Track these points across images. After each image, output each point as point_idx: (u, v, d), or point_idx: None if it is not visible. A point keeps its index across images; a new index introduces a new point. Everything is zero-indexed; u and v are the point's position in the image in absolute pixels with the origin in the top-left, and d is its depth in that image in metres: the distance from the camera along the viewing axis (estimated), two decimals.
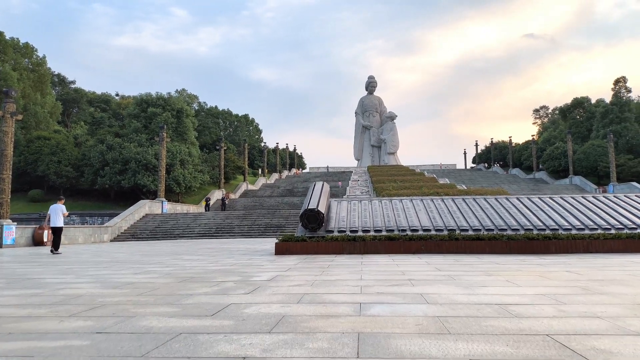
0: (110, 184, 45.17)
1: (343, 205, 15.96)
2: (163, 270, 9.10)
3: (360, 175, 77.87)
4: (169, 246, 20.49)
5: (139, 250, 17.07)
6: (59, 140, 50.43)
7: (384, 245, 13.00)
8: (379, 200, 16.50)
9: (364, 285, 6.06)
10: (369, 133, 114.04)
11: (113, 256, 13.87)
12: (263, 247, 18.41)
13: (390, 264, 9.68)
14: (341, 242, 13.10)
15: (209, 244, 21.93)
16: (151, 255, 13.76)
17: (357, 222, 14.32)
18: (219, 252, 14.95)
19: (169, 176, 44.85)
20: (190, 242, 25.69)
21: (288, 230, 31.47)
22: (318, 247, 13.17)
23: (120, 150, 45.73)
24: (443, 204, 15.74)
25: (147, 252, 15.55)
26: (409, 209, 15.26)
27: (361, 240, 13.09)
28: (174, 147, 46.86)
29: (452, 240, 12.89)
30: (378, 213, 15.03)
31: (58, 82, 75.85)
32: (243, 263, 10.45)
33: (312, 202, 14.14)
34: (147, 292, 5.96)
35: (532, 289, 5.56)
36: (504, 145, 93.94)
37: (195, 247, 18.69)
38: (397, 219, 14.42)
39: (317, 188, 15.74)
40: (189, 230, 32.24)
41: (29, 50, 58.36)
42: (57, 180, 48.00)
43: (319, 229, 13.85)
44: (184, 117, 53.50)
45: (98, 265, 10.60)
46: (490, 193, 33.75)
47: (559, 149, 68.95)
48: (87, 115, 66.97)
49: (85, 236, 28.89)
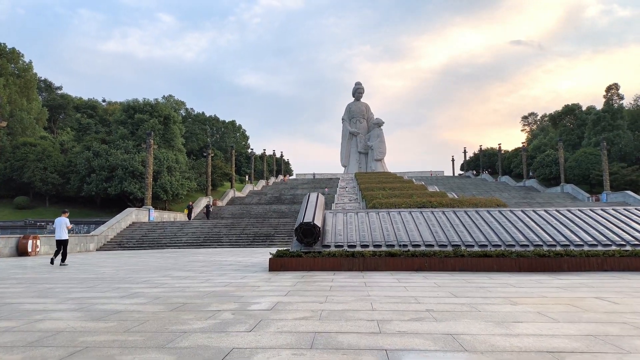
0: (97, 191, 44.06)
1: (339, 218, 15.32)
2: (152, 292, 8.38)
3: (348, 182, 77.25)
4: (157, 258, 19.66)
5: (126, 264, 16.25)
6: (45, 146, 49.21)
7: (385, 261, 12.38)
8: (377, 212, 15.90)
9: (380, 320, 5.42)
10: (356, 140, 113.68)
11: (98, 272, 13.07)
12: (254, 259, 17.70)
13: (396, 285, 9.05)
14: (339, 258, 12.45)
15: (197, 255, 21.13)
16: (138, 271, 12.99)
17: (355, 236, 13.69)
18: (209, 267, 14.22)
19: (156, 183, 43.89)
20: (178, 252, 24.84)
21: (277, 239, 30.73)
22: (315, 263, 12.51)
23: (107, 157, 44.68)
24: (445, 217, 15.19)
25: (134, 266, 14.75)
26: (409, 223, 14.67)
27: (360, 257, 12.46)
28: (161, 153, 45.92)
29: (457, 257, 12.30)
30: (376, 226, 14.42)
31: (44, 88, 74.43)
32: (237, 283, 9.75)
33: (307, 215, 13.49)
34: (136, 327, 5.26)
35: (573, 325, 4.96)
36: (493, 152, 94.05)
37: (184, 260, 17.90)
38: (397, 233, 13.82)
39: (311, 200, 15.10)
40: (176, 240, 31.35)
41: (15, 55, 57.10)
42: (42, 187, 46.77)
43: (315, 243, 13.19)
44: (171, 124, 52.58)
45: (82, 284, 9.82)
46: (483, 202, 33.36)
47: (549, 157, 69.02)
48: (73, 121, 65.68)
49: (71, 245, 27.87)
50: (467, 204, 32.73)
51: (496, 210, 16.01)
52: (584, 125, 75.90)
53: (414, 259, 12.38)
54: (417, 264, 12.34)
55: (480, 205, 32.49)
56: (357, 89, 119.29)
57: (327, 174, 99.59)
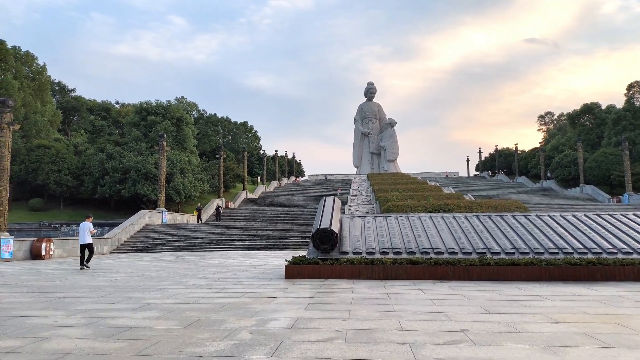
0: (110, 193, 44.12)
1: (356, 223, 14.85)
2: (165, 303, 7.99)
3: (361, 184, 76.56)
4: (170, 262, 19.36)
5: (139, 269, 15.95)
6: (59, 148, 49.46)
7: (406, 270, 11.89)
8: (395, 217, 15.39)
9: (413, 343, 4.95)
10: (368, 140, 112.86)
11: (111, 278, 12.76)
12: (269, 264, 17.31)
13: (422, 298, 8.56)
14: (358, 266, 11.99)
15: (210, 259, 20.80)
16: (151, 278, 12.65)
17: (374, 243, 13.20)
18: (223, 273, 13.85)
19: (169, 185, 43.81)
20: (191, 255, 24.56)
21: (290, 242, 30.34)
22: (332, 271, 12.06)
23: (120, 159, 44.72)
24: (468, 222, 14.63)
25: (147, 272, 14.44)
26: (430, 228, 14.15)
27: (380, 264, 11.98)
28: (173, 155, 45.85)
29: (483, 265, 11.76)
30: (396, 232, 13.92)
31: (58, 90, 75.02)
32: (253, 293, 9.34)
33: (324, 221, 13.04)
34: (148, 349, 4.86)
35: (632, 353, 4.45)
36: (509, 152, 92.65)
37: (197, 265, 17.57)
38: (417, 240, 13.31)
39: (328, 204, 14.65)
40: (190, 242, 31.12)
41: (30, 58, 57.59)
42: (57, 189, 46.99)
43: (332, 250, 12.73)
44: (183, 126, 52.53)
45: (94, 293, 9.49)
46: (503, 205, 32.60)
47: (568, 157, 67.65)
48: (87, 123, 66.05)
49: None
50: (485, 207, 32.04)
51: (521, 215, 15.42)
52: (603, 124, 74.26)
53: (437, 268, 11.87)
54: (440, 272, 11.83)
55: (499, 208, 31.78)
56: (370, 89, 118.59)
57: (339, 175, 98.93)
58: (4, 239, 21.64)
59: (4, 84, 50.44)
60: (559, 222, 14.16)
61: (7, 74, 53.03)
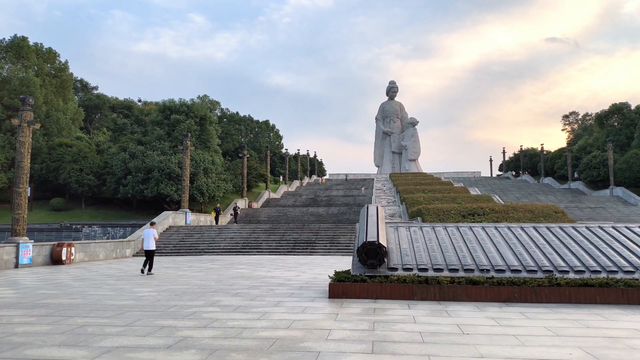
0: (133, 193, 43.48)
1: (402, 234, 13.55)
2: (203, 337, 6.80)
3: (384, 184, 75.04)
4: (197, 271, 18.32)
5: (166, 280, 14.91)
6: (81, 147, 49.06)
7: (466, 290, 10.58)
8: (444, 227, 14.05)
9: None
10: (390, 139, 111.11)
11: (136, 294, 11.70)
12: (304, 275, 16.12)
13: (501, 333, 7.25)
14: (411, 285, 10.71)
15: (239, 267, 19.72)
16: (181, 295, 11.55)
17: (425, 257, 11.90)
18: (258, 288, 12.70)
19: (192, 185, 42.99)
20: (217, 261, 23.54)
21: (318, 246, 29.14)
22: (382, 290, 10.81)
23: (143, 158, 44.04)
24: (525, 234, 13.23)
25: (175, 284, 13.37)
26: (485, 241, 12.78)
27: (436, 284, 10.69)
28: (197, 155, 45.03)
29: (552, 286, 10.41)
30: (448, 245, 12.59)
31: (80, 88, 75.03)
32: (300, 321, 8.14)
33: (370, 233, 11.78)
34: None
35: None
36: (534, 152, 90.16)
37: (227, 275, 16.48)
38: (474, 255, 11.96)
39: (371, 213, 13.38)
40: (214, 245, 30.18)
41: (52, 55, 57.32)
42: (78, 188, 46.57)
43: (379, 265, 11.47)
44: (207, 124, 51.70)
45: (119, 319, 8.36)
46: (540, 209, 30.91)
47: (597, 158, 65.30)
48: (109, 121, 65.83)
49: (107, 252, 27.01)
50: (522, 211, 30.40)
51: (582, 226, 13.97)
52: (632, 125, 71.65)
53: (500, 288, 10.53)
54: (504, 294, 10.49)
55: (536, 211, 30.13)
56: (391, 87, 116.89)
57: (359, 175, 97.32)
58: (22, 244, 20.87)
59: (26, 81, 50.20)
60: (626, 235, 12.72)
61: (29, 71, 52.82)
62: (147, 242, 17.27)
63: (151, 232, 17.48)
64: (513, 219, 28.36)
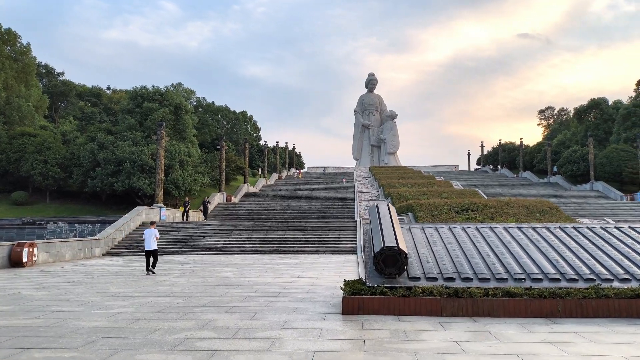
0: (102, 186, 40.79)
1: (418, 236, 11.97)
2: None
3: (364, 177, 73.70)
4: (179, 276, 16.43)
5: (144, 290, 13.00)
6: (45, 137, 45.91)
7: (503, 304, 9.07)
8: (462, 227, 12.54)
9: None
10: (369, 132, 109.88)
11: (110, 311, 9.80)
12: (301, 282, 14.42)
13: None
14: (439, 299, 9.14)
15: (224, 270, 17.89)
16: (165, 312, 9.71)
17: (449, 265, 10.35)
18: (254, 301, 10.96)
19: (167, 178, 40.62)
20: (199, 262, 21.61)
21: (306, 244, 27.43)
22: (405, 305, 9.22)
23: (113, 149, 41.37)
24: (552, 235, 11.84)
25: (155, 296, 11.49)
26: (510, 244, 11.32)
27: (468, 297, 9.16)
28: (172, 146, 42.60)
29: (599, 297, 9.01)
30: (471, 249, 11.07)
31: (45, 74, 70.82)
32: (321, 353, 6.45)
33: (387, 237, 10.16)
34: None
35: None
36: (513, 146, 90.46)
37: (214, 282, 14.66)
38: (502, 259, 10.48)
39: (383, 212, 11.74)
40: (193, 244, 28.15)
41: (12, 37, 53.17)
42: (42, 181, 43.52)
43: (399, 275, 9.87)
44: (182, 114, 49.17)
45: (81, 353, 6.50)
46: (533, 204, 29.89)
47: (577, 153, 65.48)
48: (76, 109, 62.34)
49: (74, 252, 24.70)
50: (515, 206, 29.30)
51: (612, 226, 12.67)
52: (610, 120, 72.35)
53: (542, 301, 9.06)
54: (546, 308, 9.03)
55: (531, 207, 29.08)
56: (370, 80, 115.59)
57: (338, 168, 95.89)
58: None
59: None
60: None
61: None
62: (148, 241, 17.18)
63: (152, 232, 17.36)
64: (508, 214, 27.26)
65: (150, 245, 17.23)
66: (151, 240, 17.25)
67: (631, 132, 63.86)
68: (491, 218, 26.57)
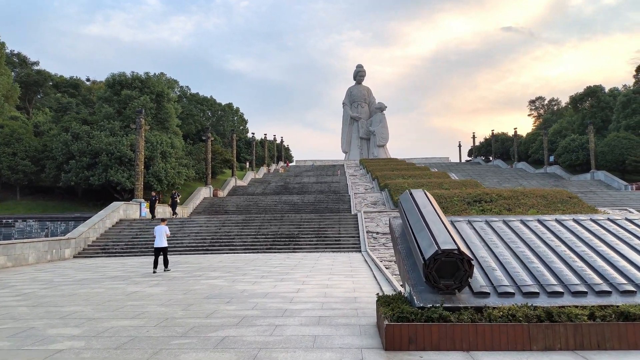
0: (77, 180, 37.38)
1: (467, 233, 9.11)
2: None
3: (356, 170, 71.04)
4: (156, 286, 13.43)
5: (108, 305, 10.01)
6: (15, 128, 42.23)
7: (618, 331, 6.30)
8: (520, 220, 9.70)
9: None
10: (357, 125, 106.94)
11: (46, 349, 6.83)
12: (309, 290, 11.53)
13: None
14: (526, 326, 6.32)
15: (211, 275, 14.90)
16: (126, 348, 6.76)
17: (524, 273, 7.52)
18: (253, 324, 8.04)
19: (148, 171, 37.37)
20: (182, 265, 18.59)
21: (303, 241, 24.49)
22: (477, 335, 6.38)
23: (89, 140, 37.95)
24: (625, 232, 9.05)
25: (121, 318, 8.53)
26: (591, 241, 8.52)
27: (567, 321, 6.34)
28: (153, 136, 39.28)
29: None
30: (545, 250, 8.25)
31: (18, 63, 66.57)
32: None
33: (440, 236, 7.33)
34: None
35: None
36: (506, 137, 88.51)
37: (199, 295, 11.71)
38: (594, 265, 7.68)
39: (422, 202, 8.89)
40: (176, 242, 25.09)
41: None
42: (12, 176, 39.94)
43: (459, 289, 7.02)
44: (164, 102, 45.75)
45: None
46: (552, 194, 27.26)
47: (575, 141, 63.38)
48: (52, 101, 58.41)
49: (39, 254, 21.50)
50: (532, 196, 26.68)
51: None
52: (608, 108, 70.51)
53: None
54: None
55: (549, 197, 26.44)
56: (359, 71, 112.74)
57: (327, 161, 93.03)
58: None
59: None
60: None
61: None
62: (159, 239, 16.69)
63: (163, 229, 16.93)
64: (527, 205, 24.60)
65: (160, 242, 16.74)
66: (162, 238, 16.79)
67: (632, 120, 61.95)
68: (508, 210, 23.96)
